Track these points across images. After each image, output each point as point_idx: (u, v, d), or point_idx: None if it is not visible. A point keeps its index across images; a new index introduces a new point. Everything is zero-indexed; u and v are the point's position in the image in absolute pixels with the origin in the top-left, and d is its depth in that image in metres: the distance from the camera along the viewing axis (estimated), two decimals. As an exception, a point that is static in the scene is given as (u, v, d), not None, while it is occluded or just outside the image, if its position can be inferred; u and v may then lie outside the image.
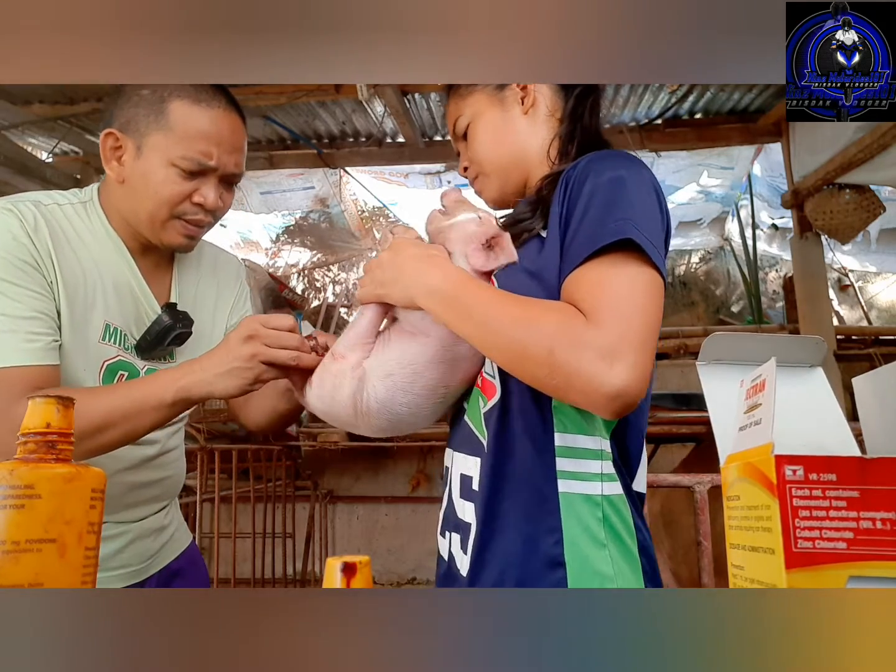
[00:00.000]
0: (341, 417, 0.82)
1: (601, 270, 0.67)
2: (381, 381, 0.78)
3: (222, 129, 0.92)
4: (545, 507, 0.72)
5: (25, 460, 0.47)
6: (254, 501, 3.00)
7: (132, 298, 0.99)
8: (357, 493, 3.78)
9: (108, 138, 0.92)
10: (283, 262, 5.52)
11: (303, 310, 4.39)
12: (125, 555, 1.00)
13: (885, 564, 0.37)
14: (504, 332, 0.67)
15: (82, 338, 0.92)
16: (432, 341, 0.77)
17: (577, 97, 0.88)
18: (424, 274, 0.73)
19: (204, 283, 1.11)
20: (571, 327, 0.64)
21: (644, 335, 0.64)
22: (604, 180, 0.72)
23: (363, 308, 0.82)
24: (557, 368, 0.63)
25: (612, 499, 0.73)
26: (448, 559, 0.82)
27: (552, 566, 0.71)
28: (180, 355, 1.05)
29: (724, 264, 5.40)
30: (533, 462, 0.74)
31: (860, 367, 3.23)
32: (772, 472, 0.39)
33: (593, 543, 0.71)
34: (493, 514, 0.75)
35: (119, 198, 0.96)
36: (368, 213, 5.14)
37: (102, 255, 0.95)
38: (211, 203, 0.93)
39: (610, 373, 0.61)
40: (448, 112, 0.95)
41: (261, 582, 3.00)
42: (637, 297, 0.66)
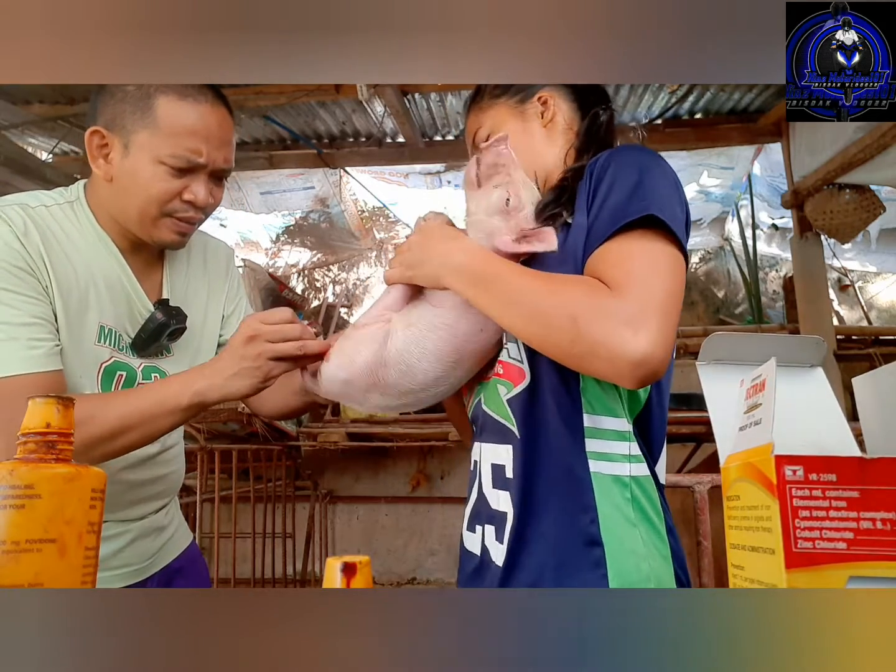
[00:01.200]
0: (356, 384, 0.83)
1: (625, 245, 0.69)
2: (402, 331, 0.81)
3: (210, 125, 0.91)
4: (579, 487, 0.74)
5: (25, 460, 0.47)
6: (254, 501, 3.00)
7: (125, 297, 0.98)
8: (357, 493, 3.77)
9: (93, 136, 0.90)
10: (283, 262, 5.52)
11: (303, 310, 4.39)
12: (126, 554, 1.00)
13: (885, 564, 0.37)
14: (527, 303, 0.68)
15: (78, 341, 0.92)
16: (449, 310, 0.81)
17: (593, 116, 0.90)
18: (450, 254, 0.76)
19: (194, 276, 1.10)
20: (595, 296, 0.66)
21: (667, 305, 0.65)
22: (626, 169, 0.74)
23: (390, 287, 0.86)
24: (581, 336, 0.64)
25: (640, 480, 0.75)
26: (481, 553, 0.82)
27: (590, 545, 0.72)
28: (176, 349, 1.05)
29: (724, 264, 5.41)
30: (565, 443, 0.75)
31: (860, 367, 3.24)
32: (772, 472, 0.39)
33: (626, 522, 0.73)
34: (530, 498, 0.76)
35: (107, 196, 0.94)
36: (368, 213, 5.14)
37: (93, 255, 0.95)
38: (201, 200, 0.93)
39: (634, 339, 0.62)
40: (468, 123, 0.97)
41: (261, 582, 3.00)
42: (661, 270, 0.68)
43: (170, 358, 1.05)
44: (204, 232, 1.14)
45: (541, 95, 0.91)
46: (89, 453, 0.81)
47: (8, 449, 0.70)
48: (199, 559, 1.21)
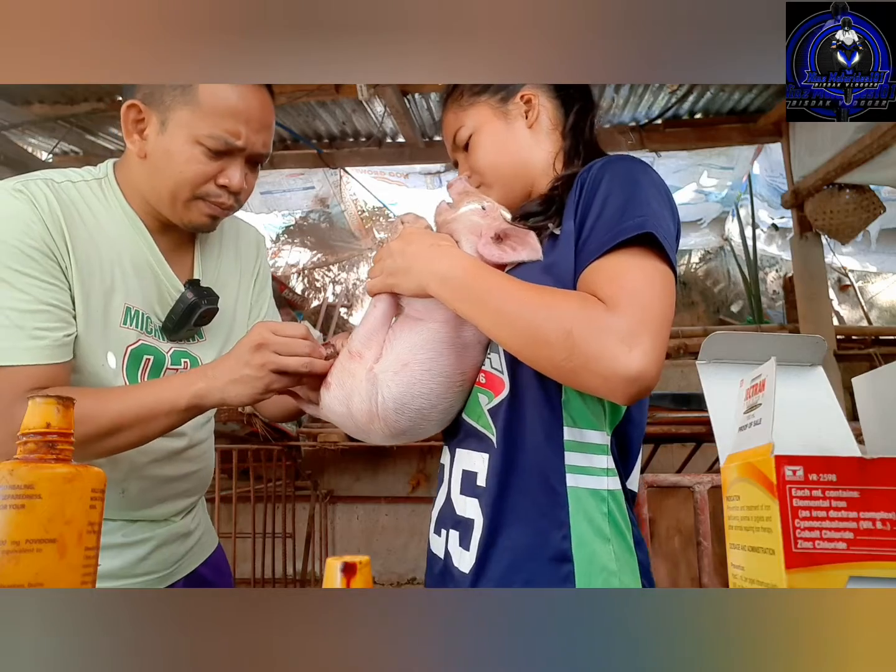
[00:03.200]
0: (358, 423, 0.81)
1: (620, 262, 0.69)
2: (395, 376, 0.77)
3: (252, 106, 0.88)
4: (554, 501, 0.73)
5: (25, 460, 0.47)
6: (254, 501, 3.00)
7: (153, 278, 0.94)
8: (357, 493, 3.77)
9: (130, 110, 0.87)
10: (283, 262, 5.52)
11: (303, 310, 4.40)
12: (149, 562, 0.98)
13: (885, 564, 0.37)
14: (520, 317, 0.67)
15: (102, 324, 0.88)
16: (441, 325, 0.78)
17: (578, 113, 0.89)
18: (435, 262, 0.74)
19: (227, 260, 1.07)
20: (591, 311, 0.65)
21: (661, 323, 0.66)
22: (619, 182, 0.74)
23: (374, 300, 0.82)
24: (576, 351, 0.64)
25: (615, 494, 0.74)
26: (444, 557, 0.82)
27: (560, 561, 0.71)
28: (209, 334, 1.02)
29: (724, 264, 5.41)
30: (544, 456, 0.74)
31: (860, 367, 3.23)
32: (772, 472, 0.39)
33: (599, 538, 0.72)
34: (502, 508, 0.75)
35: (139, 174, 0.91)
36: (368, 213, 5.14)
37: (119, 235, 0.91)
38: (236, 185, 0.90)
39: (630, 355, 0.62)
40: (446, 122, 0.94)
41: (261, 582, 3.00)
42: (655, 288, 0.68)
43: (202, 343, 1.01)
44: (236, 216, 1.08)
45: (524, 94, 0.88)
46: (82, 451, 0.78)
47: (4, 440, 0.69)
48: (225, 566, 1.18)
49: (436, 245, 0.76)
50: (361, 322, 0.83)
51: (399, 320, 0.82)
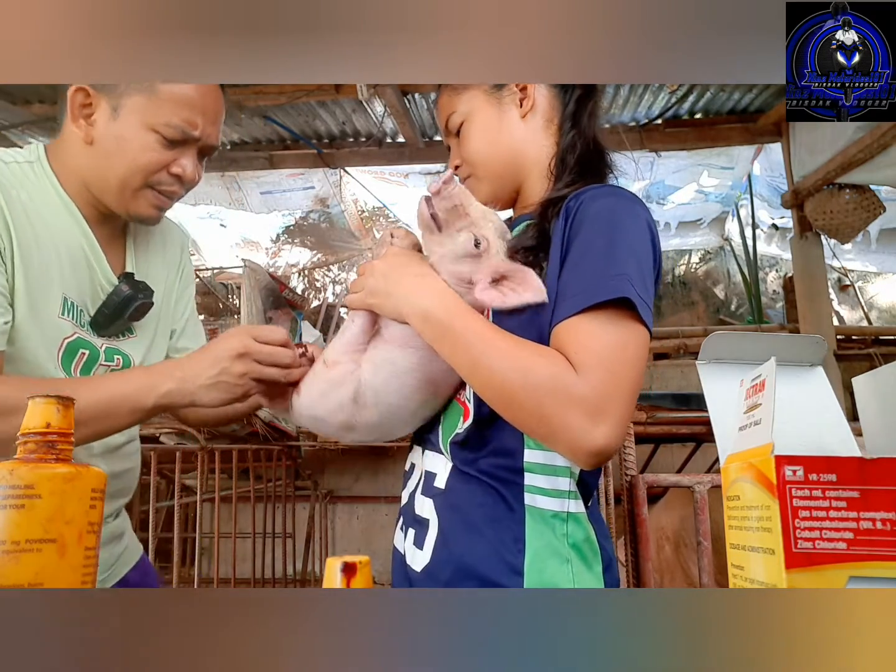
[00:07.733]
0: (329, 422, 0.82)
1: (595, 324, 0.68)
2: (376, 368, 0.79)
3: (208, 98, 0.87)
4: (511, 517, 0.74)
5: (25, 460, 0.47)
6: (254, 501, 3.00)
7: (87, 269, 0.90)
8: (357, 493, 3.77)
9: (77, 94, 0.84)
10: (283, 262, 5.52)
11: (303, 310, 4.39)
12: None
13: (885, 564, 0.37)
14: (497, 375, 0.68)
15: (40, 311, 0.84)
16: (416, 351, 0.78)
17: (577, 101, 0.86)
18: (418, 295, 0.73)
19: (154, 255, 1.04)
20: (562, 381, 0.66)
21: (630, 392, 0.67)
22: (601, 227, 0.73)
23: (353, 314, 0.82)
24: (545, 420, 0.66)
25: (577, 516, 0.75)
26: (403, 552, 0.82)
27: (511, 573, 0.71)
28: (138, 330, 0.99)
29: (724, 264, 5.41)
30: (503, 477, 0.75)
31: (860, 367, 3.24)
32: (772, 472, 0.39)
33: (556, 558, 0.72)
34: (456, 513, 0.76)
35: (81, 160, 0.87)
36: (368, 213, 5.14)
37: (55, 221, 0.86)
38: (189, 174, 0.88)
39: (593, 432, 0.64)
40: (440, 106, 0.92)
41: (261, 582, 3.00)
42: (628, 353, 0.68)
43: (132, 339, 0.98)
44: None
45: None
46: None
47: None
48: (151, 571, 1.15)
49: (420, 276, 0.75)
50: (338, 335, 0.83)
51: (375, 339, 0.82)
